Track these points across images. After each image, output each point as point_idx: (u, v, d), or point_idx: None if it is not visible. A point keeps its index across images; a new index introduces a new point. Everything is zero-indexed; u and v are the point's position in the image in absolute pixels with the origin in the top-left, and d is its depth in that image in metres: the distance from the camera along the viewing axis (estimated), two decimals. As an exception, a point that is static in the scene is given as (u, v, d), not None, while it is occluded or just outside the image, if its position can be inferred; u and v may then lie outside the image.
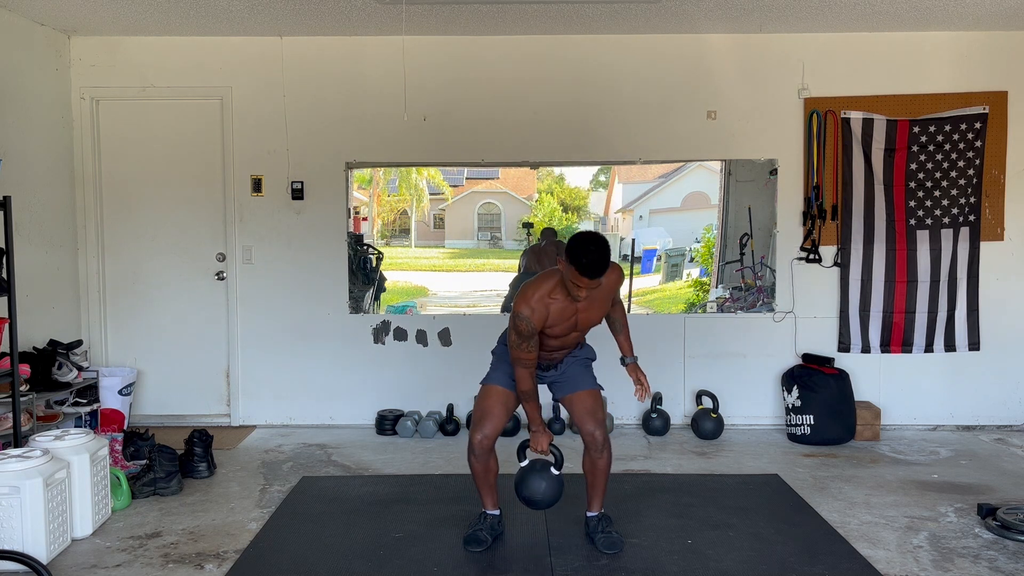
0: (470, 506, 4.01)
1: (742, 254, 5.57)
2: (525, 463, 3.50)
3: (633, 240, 5.76)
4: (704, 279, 5.76)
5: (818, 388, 5.15)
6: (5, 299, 4.19)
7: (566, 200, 5.85)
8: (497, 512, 3.62)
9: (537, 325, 3.24)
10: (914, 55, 5.40)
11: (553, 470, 3.46)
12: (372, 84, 5.46)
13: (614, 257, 3.92)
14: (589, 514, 3.59)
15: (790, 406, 5.27)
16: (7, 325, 4.14)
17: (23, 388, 4.33)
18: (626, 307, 5.68)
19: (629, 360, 3.75)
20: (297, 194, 5.52)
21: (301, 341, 5.61)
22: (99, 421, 5.14)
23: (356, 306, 5.60)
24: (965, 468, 4.69)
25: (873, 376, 5.52)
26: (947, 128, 5.34)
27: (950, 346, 5.47)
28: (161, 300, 5.64)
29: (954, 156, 5.36)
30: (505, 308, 5.70)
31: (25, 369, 4.41)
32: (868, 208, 5.40)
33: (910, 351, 5.48)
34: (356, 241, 5.62)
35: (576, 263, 3.09)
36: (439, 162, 5.67)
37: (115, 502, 3.96)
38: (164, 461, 4.22)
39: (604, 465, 3.49)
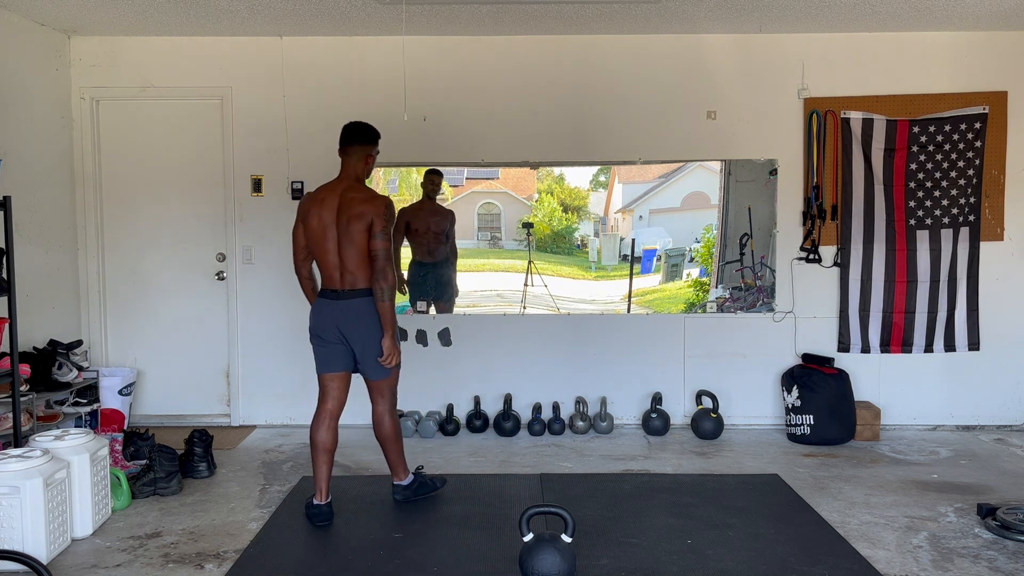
0: (470, 506, 4.02)
1: (742, 254, 5.57)
2: (529, 537, 3.13)
3: (633, 240, 5.76)
4: (704, 279, 5.75)
5: (818, 388, 5.15)
6: (5, 299, 4.19)
7: (566, 200, 5.84)
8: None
9: None
10: (914, 55, 5.40)
11: (565, 538, 3.13)
12: (372, 84, 5.46)
13: (614, 257, 4.03)
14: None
15: (790, 406, 5.27)
16: (7, 325, 4.14)
17: (23, 388, 4.34)
18: (627, 307, 5.70)
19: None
20: (297, 194, 5.52)
21: (301, 341, 5.56)
22: (99, 421, 5.14)
23: (356, 306, 5.59)
24: (965, 468, 4.69)
25: (873, 376, 5.52)
26: (947, 128, 5.34)
27: (950, 346, 5.47)
28: (161, 300, 5.64)
29: (954, 156, 5.36)
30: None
31: (25, 369, 4.41)
32: (868, 208, 5.41)
33: (910, 351, 5.48)
34: (356, 241, 5.61)
35: None
36: (439, 162, 5.66)
37: (115, 502, 3.96)
38: (164, 461, 4.22)
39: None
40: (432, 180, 5.60)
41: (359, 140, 3.94)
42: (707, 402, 5.38)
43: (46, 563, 3.26)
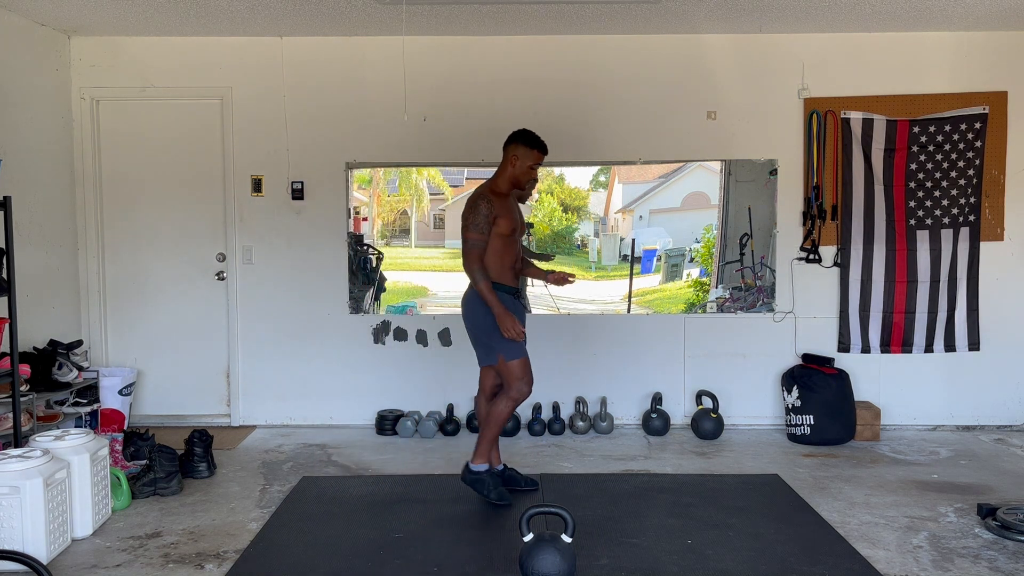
0: (470, 506, 4.02)
1: (742, 254, 5.57)
2: (529, 537, 3.12)
3: (633, 240, 5.76)
4: (704, 279, 5.76)
5: (818, 388, 5.15)
6: (5, 299, 4.19)
7: (566, 200, 5.85)
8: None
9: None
10: (914, 55, 5.40)
11: (565, 538, 3.12)
12: (372, 84, 5.46)
13: (614, 257, 4.11)
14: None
15: (790, 406, 5.27)
16: (7, 325, 4.14)
17: (23, 388, 4.34)
18: (627, 307, 5.71)
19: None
20: (297, 194, 5.52)
21: (301, 341, 5.61)
22: (99, 421, 5.14)
23: (356, 306, 5.60)
24: (965, 468, 4.69)
25: (873, 376, 5.52)
26: (947, 128, 5.34)
27: (950, 346, 5.47)
28: (161, 300, 5.64)
29: (954, 156, 5.36)
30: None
31: (25, 369, 4.41)
32: (868, 208, 5.41)
33: (910, 351, 5.48)
34: (356, 241, 5.62)
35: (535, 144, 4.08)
36: (439, 162, 5.67)
37: (115, 502, 3.96)
38: (164, 461, 4.22)
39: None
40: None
41: (506, 143, 4.15)
42: (707, 402, 5.38)
43: (46, 563, 3.26)
